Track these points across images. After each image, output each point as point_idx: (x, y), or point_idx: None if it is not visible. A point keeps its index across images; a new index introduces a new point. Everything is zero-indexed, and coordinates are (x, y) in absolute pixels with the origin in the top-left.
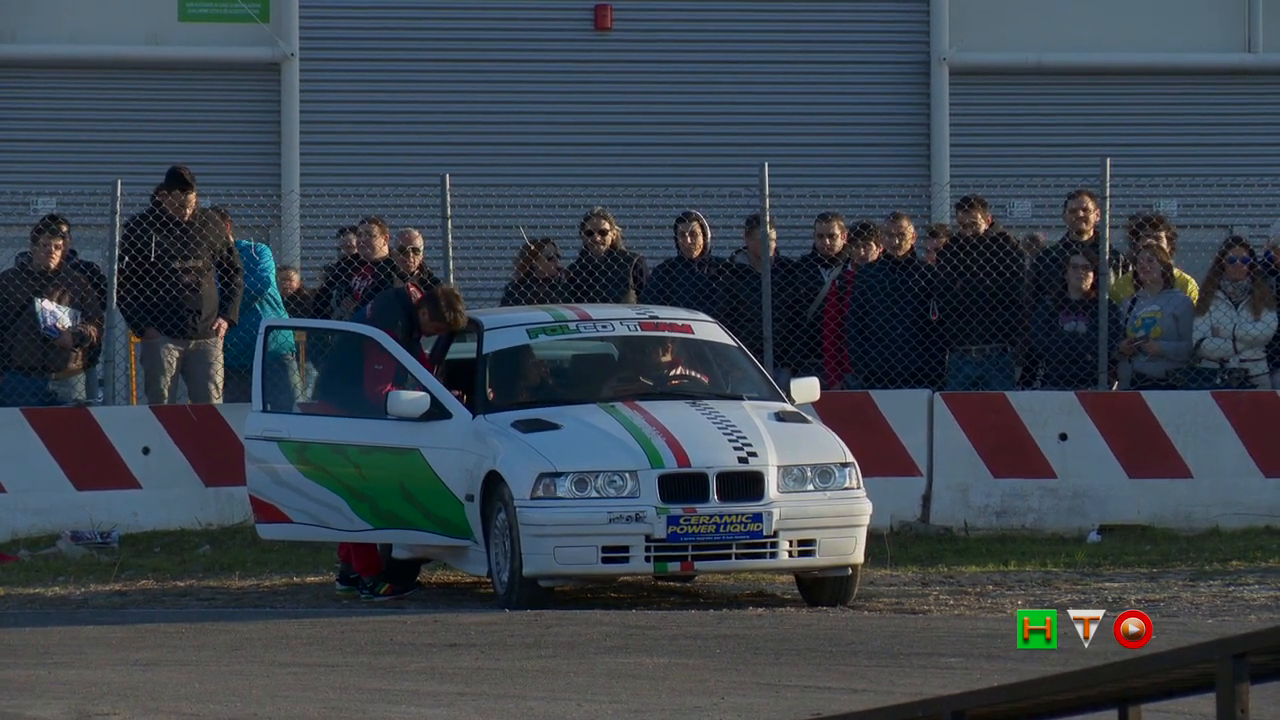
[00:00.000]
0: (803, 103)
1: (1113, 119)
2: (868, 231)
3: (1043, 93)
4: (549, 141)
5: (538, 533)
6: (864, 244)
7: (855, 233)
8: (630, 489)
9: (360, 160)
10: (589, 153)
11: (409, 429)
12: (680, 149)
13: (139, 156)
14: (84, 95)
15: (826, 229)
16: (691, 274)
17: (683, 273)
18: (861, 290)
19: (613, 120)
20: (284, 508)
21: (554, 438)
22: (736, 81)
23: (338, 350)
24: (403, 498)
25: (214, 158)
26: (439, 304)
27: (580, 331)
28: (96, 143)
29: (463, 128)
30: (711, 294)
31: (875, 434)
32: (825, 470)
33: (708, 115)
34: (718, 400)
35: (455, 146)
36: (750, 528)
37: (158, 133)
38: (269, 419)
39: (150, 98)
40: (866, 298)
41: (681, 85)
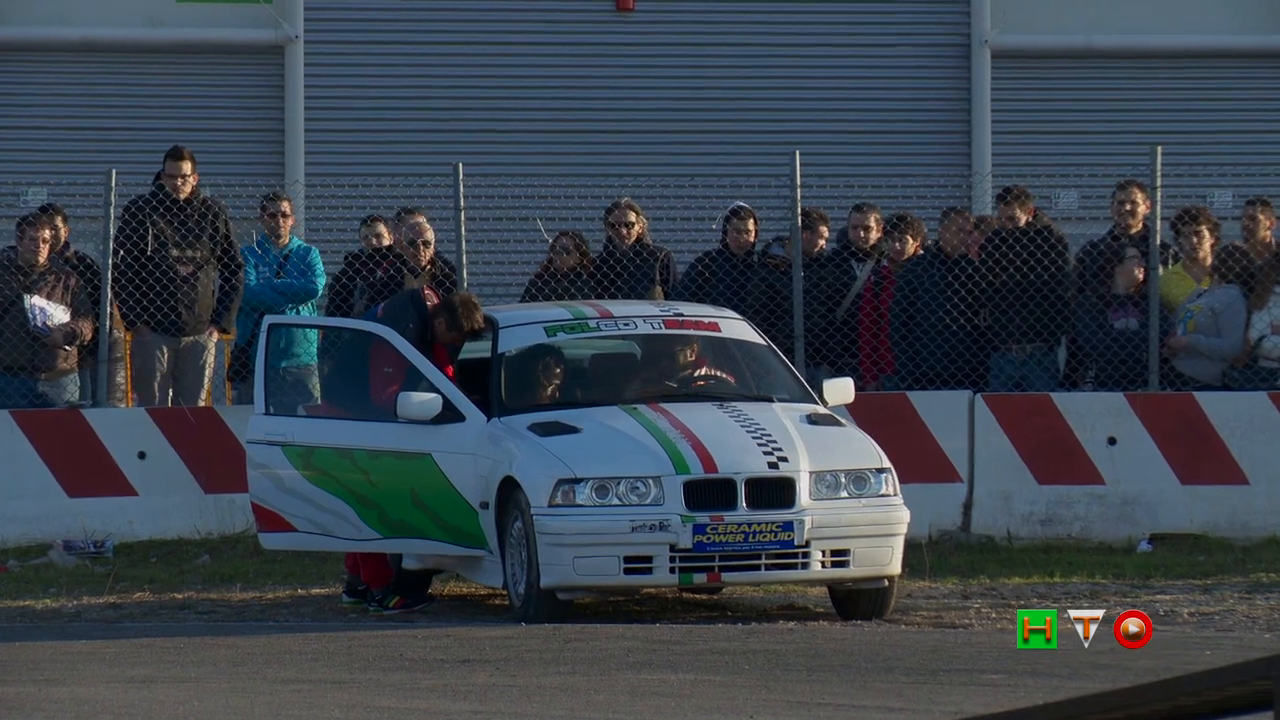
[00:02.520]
0: (836, 88)
1: (1164, 105)
2: (905, 224)
3: (1090, 77)
4: (568, 129)
5: (556, 542)
6: (900, 237)
7: (892, 225)
8: (654, 496)
9: (368, 148)
10: (611, 140)
11: (420, 432)
12: (707, 136)
13: (135, 145)
14: (77, 80)
15: (861, 220)
16: (733, 268)
17: (723, 268)
18: (905, 286)
19: (635, 106)
20: (288, 516)
21: (573, 442)
22: (766, 65)
23: (345, 350)
24: (413, 505)
25: (214, 145)
26: (456, 312)
27: (601, 329)
28: (90, 130)
29: (477, 114)
30: (750, 290)
31: (913, 437)
32: (860, 476)
33: (736, 101)
34: (746, 402)
35: (469, 134)
36: (780, 537)
37: (155, 120)
38: (272, 422)
39: (147, 83)
40: (909, 295)
41: (708, 69)
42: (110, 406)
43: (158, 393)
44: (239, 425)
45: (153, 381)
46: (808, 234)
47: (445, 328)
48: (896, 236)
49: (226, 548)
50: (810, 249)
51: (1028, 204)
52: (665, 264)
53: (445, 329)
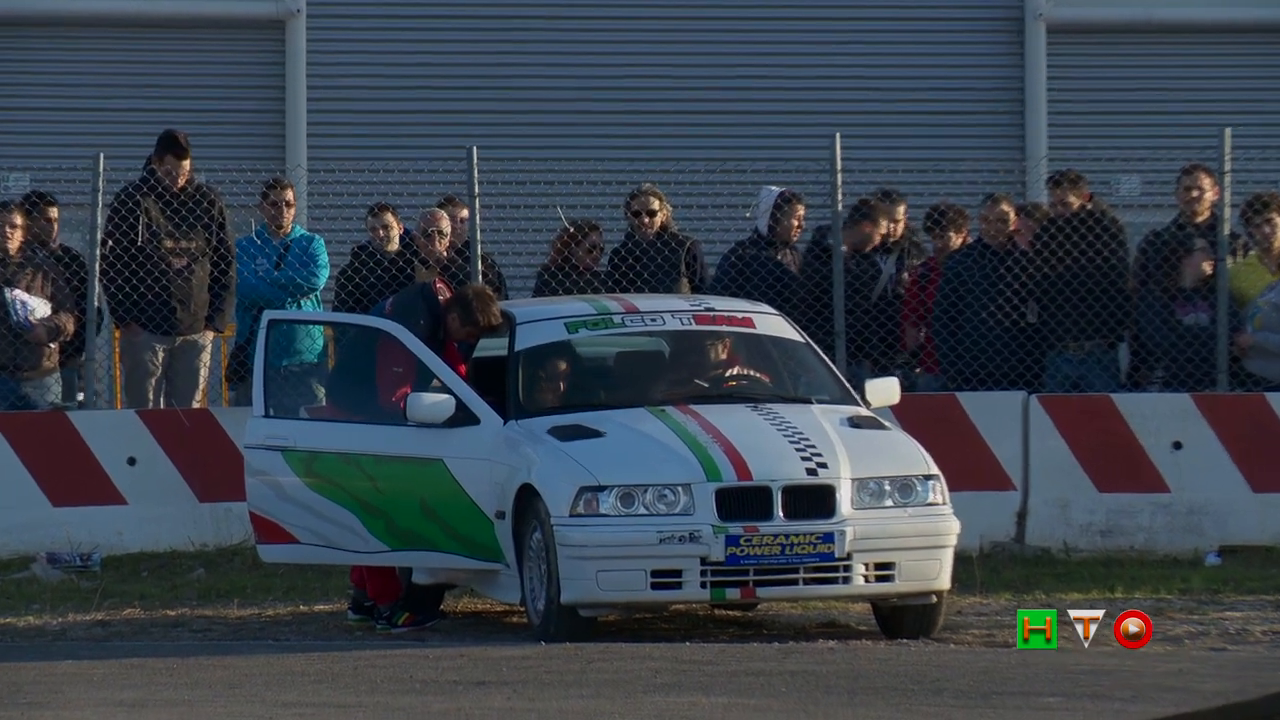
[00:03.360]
0: (880, 64)
1: (1233, 83)
2: (947, 218)
3: (1152, 53)
4: (589, 109)
5: (578, 555)
6: (941, 232)
7: (933, 220)
8: (683, 505)
9: (375, 130)
10: (635, 122)
11: (431, 436)
12: (738, 117)
13: (123, 126)
14: (62, 57)
15: (889, 211)
16: (770, 257)
17: (762, 258)
18: (951, 280)
19: (662, 85)
20: (289, 526)
21: (596, 446)
22: (803, 39)
23: (350, 348)
24: (424, 515)
25: (209, 126)
26: (469, 305)
27: (626, 325)
28: (76, 110)
29: (491, 93)
30: (789, 282)
31: (963, 442)
32: (906, 483)
33: (771, 79)
34: (783, 403)
35: (483, 115)
36: (820, 549)
37: (146, 100)
38: (272, 425)
39: (137, 60)
40: (956, 288)
41: (740, 43)
42: (98, 409)
43: (150, 394)
44: (236, 428)
45: (145, 382)
46: (868, 225)
47: (459, 323)
48: (939, 230)
49: (223, 560)
50: (862, 243)
51: (1081, 188)
52: (692, 254)
53: (458, 325)
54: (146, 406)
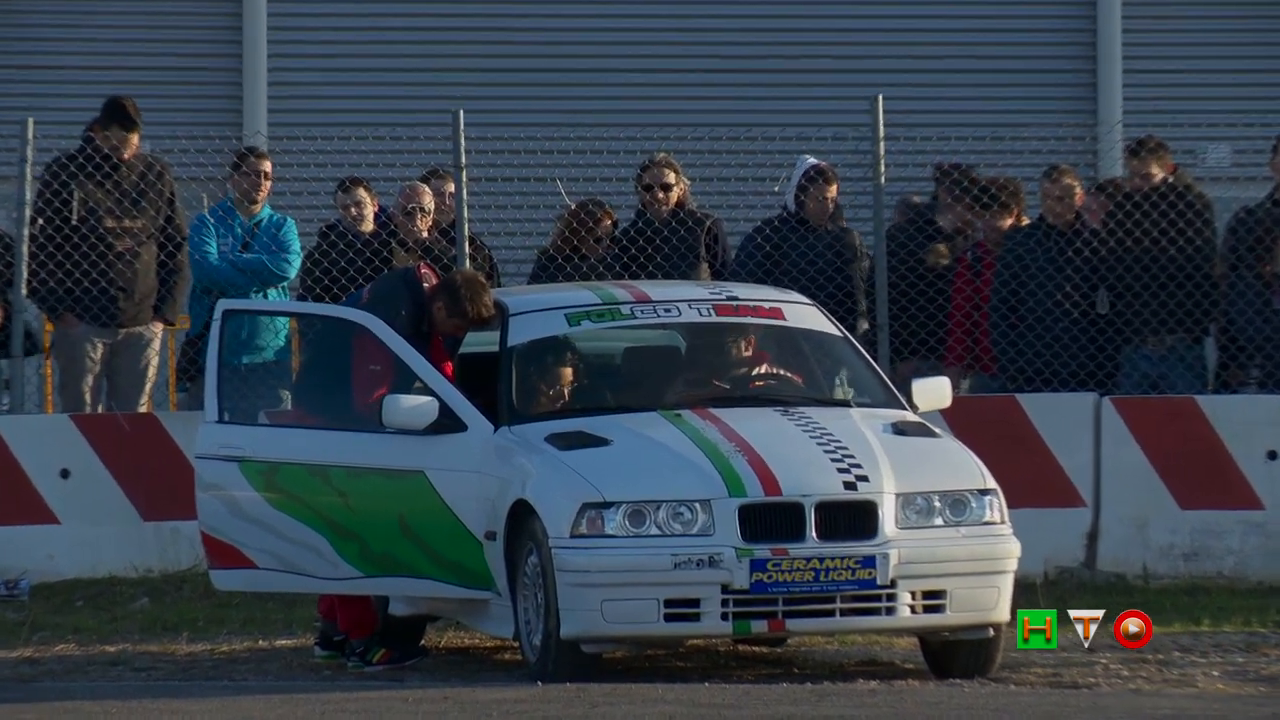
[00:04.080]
0: (928, 17)
1: None
2: (1005, 194)
3: (1246, 5)
4: (594, 66)
5: (580, 581)
6: (998, 211)
7: (989, 195)
8: (702, 524)
9: (346, 92)
10: (647, 81)
11: (411, 445)
12: (767, 77)
13: (59, 89)
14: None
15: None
16: (806, 242)
17: (792, 240)
18: (1009, 265)
19: (678, 39)
20: (246, 549)
21: (602, 456)
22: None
23: (319, 343)
24: (402, 536)
25: (155, 87)
26: (458, 293)
27: (636, 317)
28: (4, 71)
29: (480, 48)
30: (824, 266)
31: (1024, 451)
32: (959, 499)
33: (804, 32)
34: (817, 407)
35: (470, 74)
36: (859, 575)
37: (83, 59)
38: (227, 432)
39: (73, 11)
40: (1016, 274)
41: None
42: (26, 412)
43: (88, 396)
44: (186, 436)
45: (81, 382)
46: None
47: (445, 314)
48: (994, 211)
49: (170, 588)
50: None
51: (1164, 158)
52: (713, 235)
53: (445, 316)
54: (83, 410)
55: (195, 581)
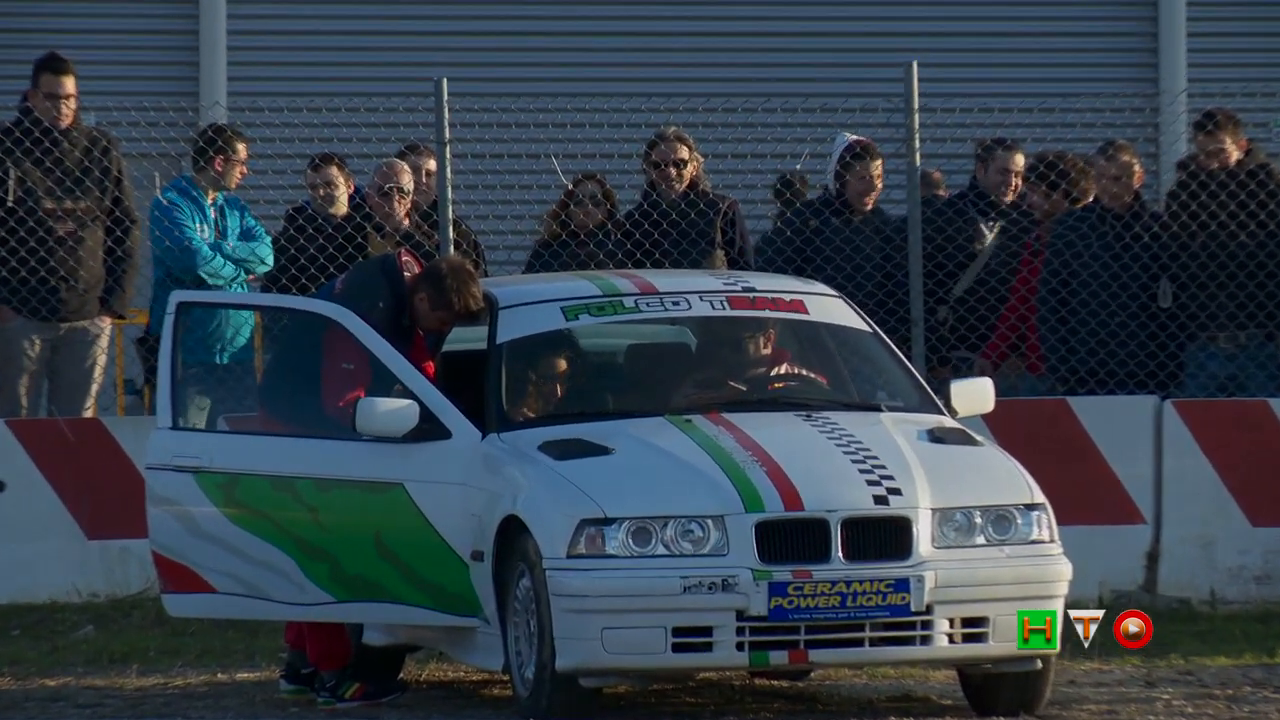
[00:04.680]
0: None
1: None
2: (1060, 170)
3: None
4: (594, 29)
5: (578, 607)
6: (1047, 189)
7: (1038, 173)
8: (714, 543)
9: (315, 59)
10: (655, 46)
11: (388, 454)
12: (790, 43)
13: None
14: None
15: (1005, 161)
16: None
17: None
18: (1060, 251)
19: (691, 2)
20: (204, 571)
21: (602, 467)
22: None
23: (286, 339)
24: (378, 556)
25: (101, 52)
26: (442, 283)
27: (641, 310)
28: None
29: (466, 8)
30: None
31: (1076, 461)
32: (1003, 515)
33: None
34: (844, 411)
35: (455, 37)
36: (891, 600)
37: (17, 20)
38: (182, 439)
39: None
40: (1067, 262)
41: None
42: None
43: (24, 399)
44: (137, 444)
45: (17, 382)
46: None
47: (428, 306)
48: (1036, 187)
49: (118, 615)
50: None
51: (1237, 133)
52: (730, 219)
53: (428, 308)
54: (19, 414)
55: (146, 607)
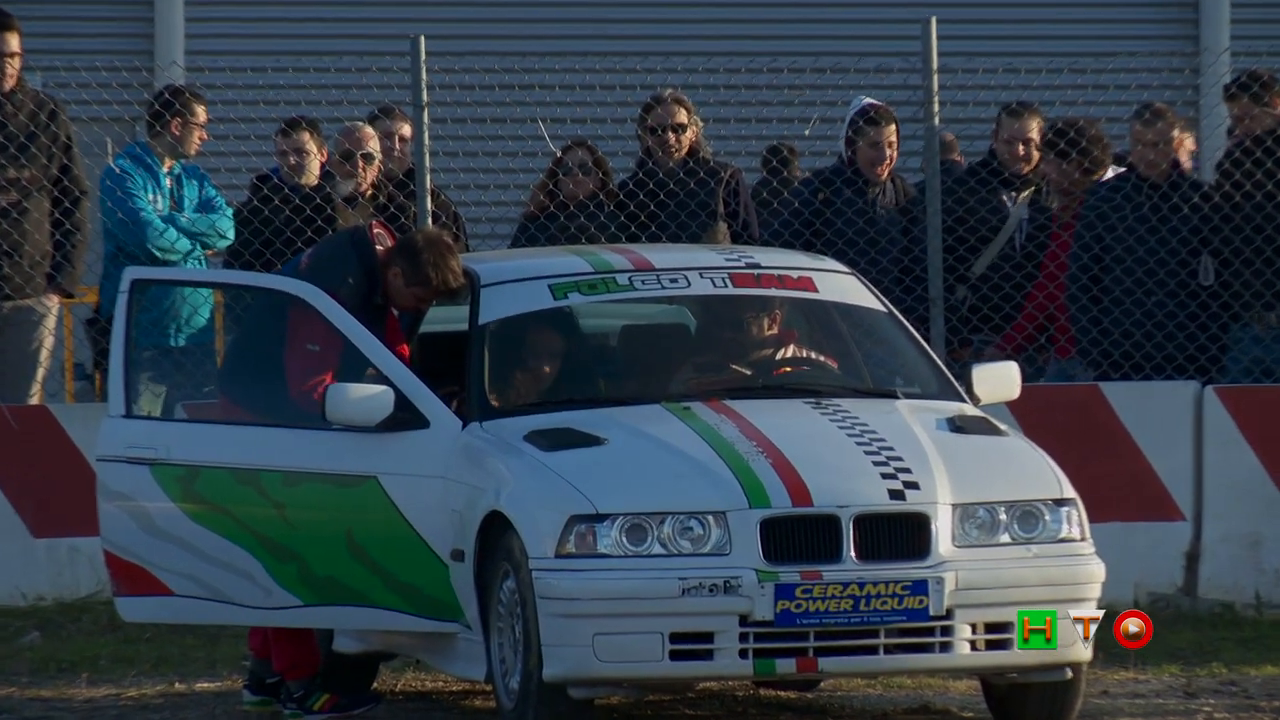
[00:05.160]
0: None
1: None
2: (1070, 139)
3: None
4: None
5: (568, 611)
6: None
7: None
8: (716, 541)
9: (280, 15)
10: (652, 2)
11: (361, 445)
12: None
13: None
14: None
15: (1020, 130)
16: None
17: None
18: (1092, 225)
19: None
20: (160, 572)
21: (593, 459)
22: None
23: (250, 320)
24: (350, 555)
25: (52, 8)
26: (418, 257)
27: (636, 288)
28: None
29: None
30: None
31: (1109, 452)
32: (1030, 511)
33: None
34: (856, 398)
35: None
36: (908, 604)
37: None
38: (137, 429)
39: None
40: (1099, 237)
41: None
42: None
43: None
44: (87, 434)
45: None
46: None
47: (403, 282)
48: (1046, 156)
49: (66, 620)
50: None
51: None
52: (733, 189)
53: (403, 284)
54: None
55: (97, 612)
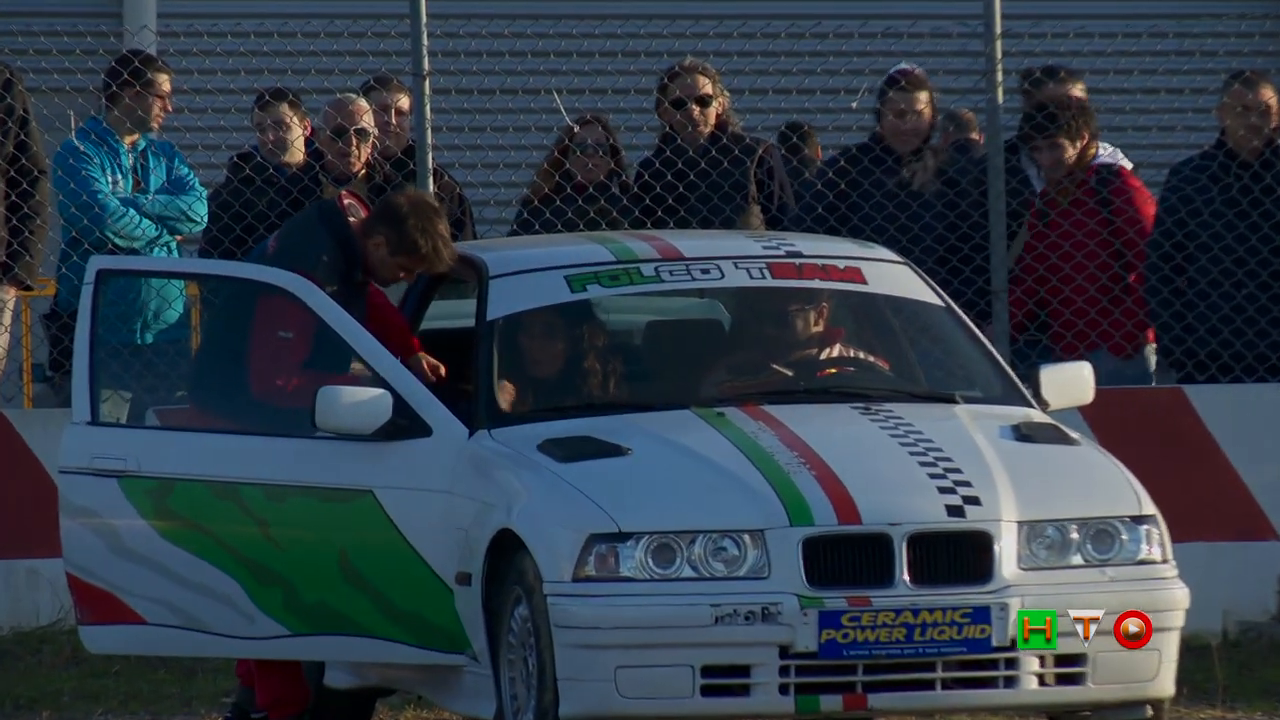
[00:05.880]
0: None
1: None
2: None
3: None
4: None
5: (587, 641)
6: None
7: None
8: (753, 563)
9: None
10: None
11: (355, 455)
12: None
13: None
14: None
15: (1059, 92)
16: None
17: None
18: (1174, 208)
19: None
20: (130, 597)
21: (615, 471)
22: None
23: (227, 315)
24: (343, 579)
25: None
26: (405, 222)
27: (663, 280)
28: None
29: None
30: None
31: (1194, 464)
32: (1105, 529)
33: None
34: (910, 402)
35: None
36: (968, 633)
37: None
38: (103, 437)
39: None
40: (1182, 220)
41: None
42: None
43: None
44: (48, 442)
45: None
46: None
47: (388, 251)
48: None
49: (24, 652)
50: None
51: None
52: (767, 168)
53: (387, 253)
54: None
55: (59, 642)
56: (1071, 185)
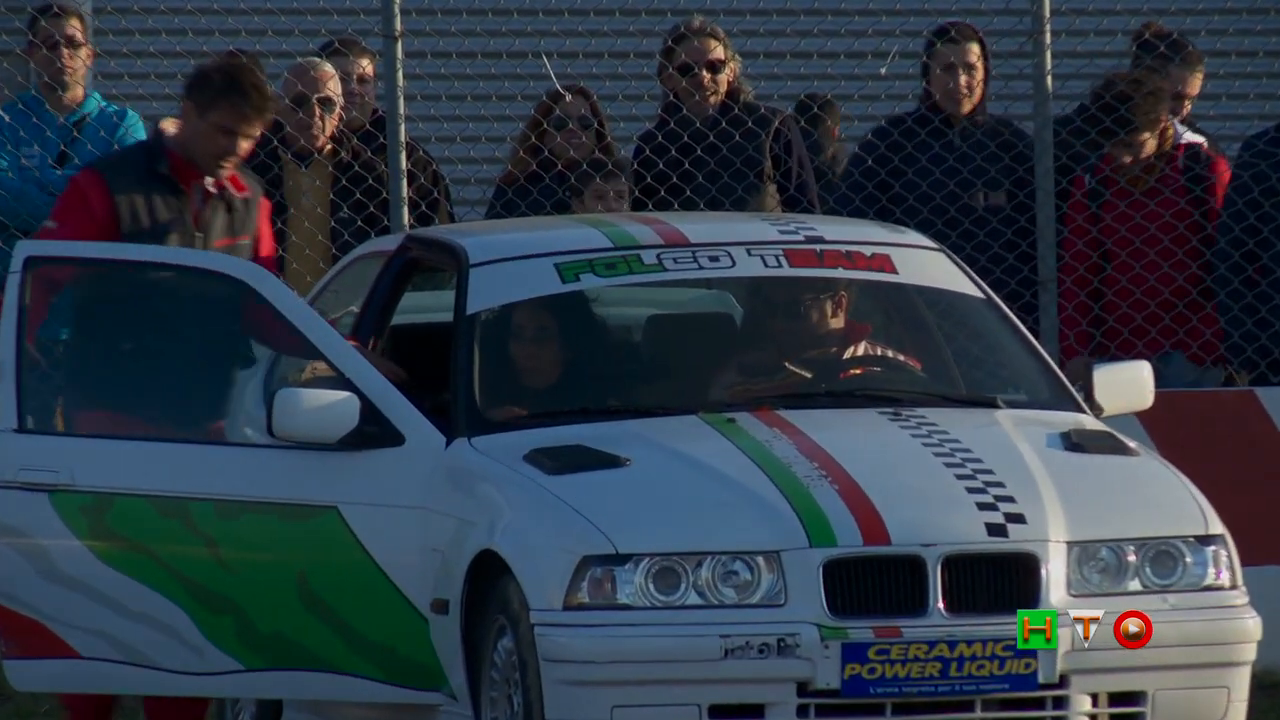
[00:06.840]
0: None
1: None
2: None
3: None
4: None
5: (579, 677)
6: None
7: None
8: (768, 589)
9: None
10: None
11: (318, 467)
12: None
13: None
14: None
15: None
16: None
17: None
18: (1245, 189)
19: None
20: (61, 627)
21: (612, 484)
22: None
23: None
24: (303, 607)
25: None
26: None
27: (666, 269)
28: None
29: None
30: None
31: (1268, 477)
32: (1166, 551)
33: None
34: (945, 407)
35: None
36: (1011, 668)
37: None
38: (32, 445)
39: None
40: (1256, 203)
41: None
42: None
43: None
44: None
45: None
46: None
47: (196, 115)
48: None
49: None
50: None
51: None
52: (784, 141)
53: (197, 120)
54: None
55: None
56: (1161, 163)
